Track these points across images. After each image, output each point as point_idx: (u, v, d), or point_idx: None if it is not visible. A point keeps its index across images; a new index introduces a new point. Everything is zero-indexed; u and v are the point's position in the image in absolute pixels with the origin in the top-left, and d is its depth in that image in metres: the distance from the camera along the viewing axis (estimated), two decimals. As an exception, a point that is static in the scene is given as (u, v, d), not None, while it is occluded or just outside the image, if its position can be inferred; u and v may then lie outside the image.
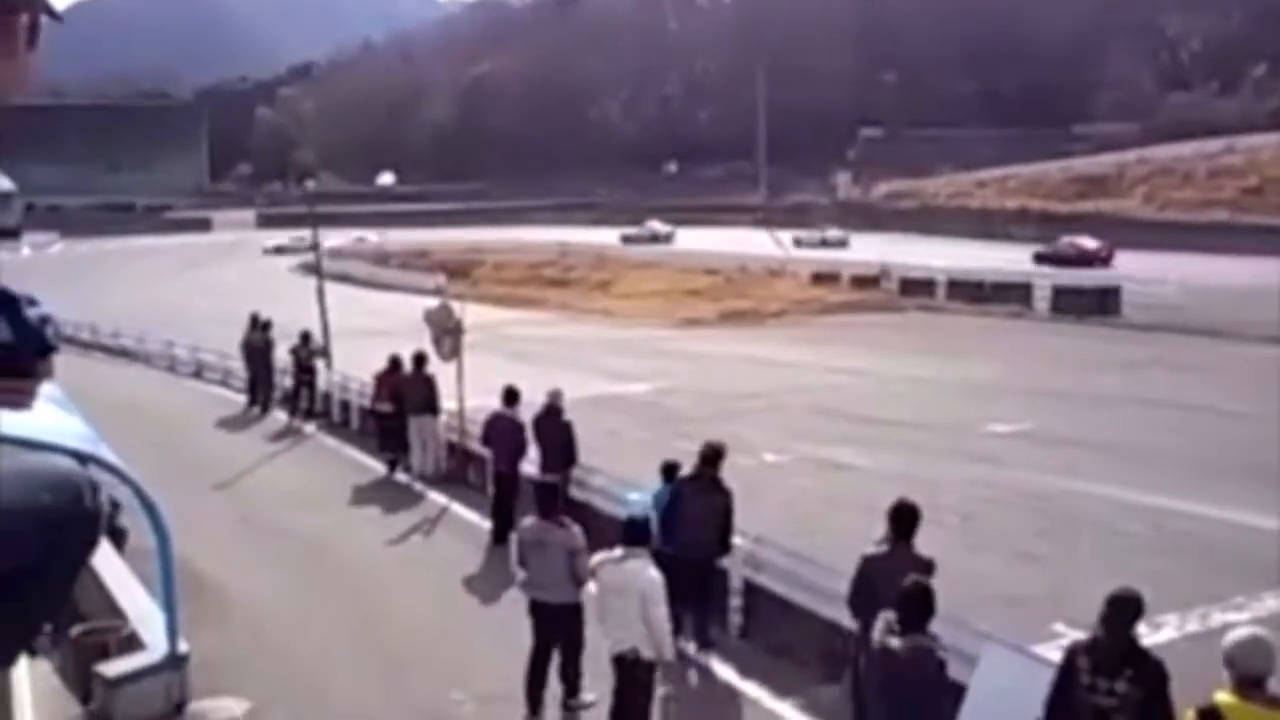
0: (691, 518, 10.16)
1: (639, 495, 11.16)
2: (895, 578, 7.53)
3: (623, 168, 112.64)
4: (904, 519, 7.82)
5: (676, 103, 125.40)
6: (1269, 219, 58.06)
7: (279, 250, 74.21)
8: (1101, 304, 35.60)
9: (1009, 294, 38.87)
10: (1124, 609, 6.28)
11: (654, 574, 8.01)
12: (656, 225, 78.83)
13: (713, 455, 10.66)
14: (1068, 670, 6.45)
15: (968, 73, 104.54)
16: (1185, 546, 12.96)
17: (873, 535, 13.68)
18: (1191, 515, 14.12)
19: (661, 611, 7.97)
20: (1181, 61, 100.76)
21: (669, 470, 11.26)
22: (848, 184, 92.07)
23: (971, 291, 40.57)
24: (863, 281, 45.42)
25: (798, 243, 67.43)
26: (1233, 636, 5.55)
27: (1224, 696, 5.09)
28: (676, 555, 9.56)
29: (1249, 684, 5.01)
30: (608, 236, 69.66)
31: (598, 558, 8.39)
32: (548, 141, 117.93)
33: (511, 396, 14.48)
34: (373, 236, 79.50)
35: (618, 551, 8.21)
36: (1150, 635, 9.98)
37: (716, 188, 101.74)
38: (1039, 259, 51.93)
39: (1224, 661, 5.30)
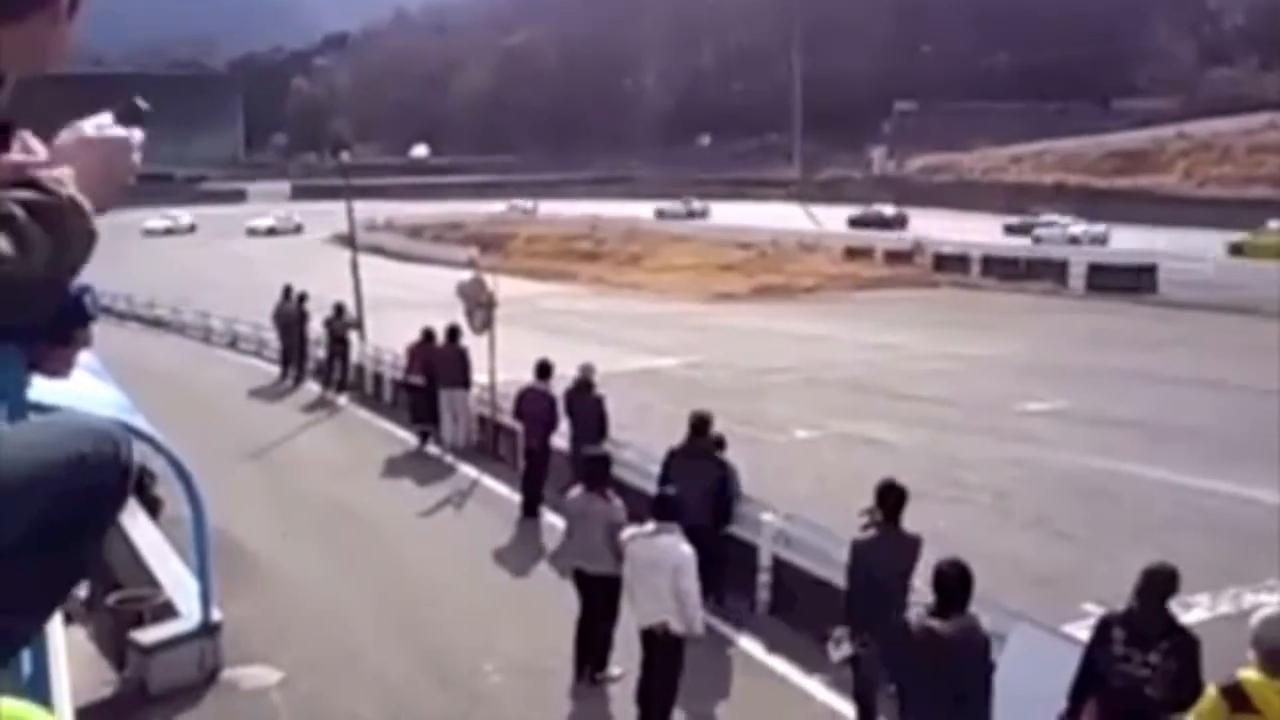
0: (680, 487, 9.88)
1: None
2: (888, 559, 7.54)
3: (656, 140, 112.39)
4: (890, 499, 7.75)
5: (710, 75, 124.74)
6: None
7: (271, 232, 73.70)
8: (1137, 281, 35.29)
9: (1044, 271, 38.59)
10: (1160, 581, 6.31)
11: (686, 549, 8.03)
12: (693, 201, 78.48)
13: (701, 425, 10.66)
14: (1101, 641, 6.46)
15: (1004, 46, 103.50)
16: (1218, 526, 12.86)
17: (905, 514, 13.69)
18: (1224, 495, 14.01)
19: (694, 585, 8.00)
20: (1223, 35, 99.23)
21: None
22: (882, 158, 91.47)
23: (1006, 268, 40.29)
24: (896, 257, 45.19)
25: (659, 214, 68.15)
26: (1259, 614, 5.55)
27: (1248, 674, 5.07)
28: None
29: (1274, 661, 4.98)
30: (642, 210, 69.54)
31: (629, 532, 8.40)
32: (581, 113, 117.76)
33: (544, 370, 14.48)
34: (527, 204, 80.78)
35: (649, 526, 8.21)
36: (1181, 615, 9.95)
37: (750, 161, 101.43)
38: (852, 223, 61.33)
39: (1251, 640, 5.28)
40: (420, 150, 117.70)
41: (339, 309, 23.01)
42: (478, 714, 8.95)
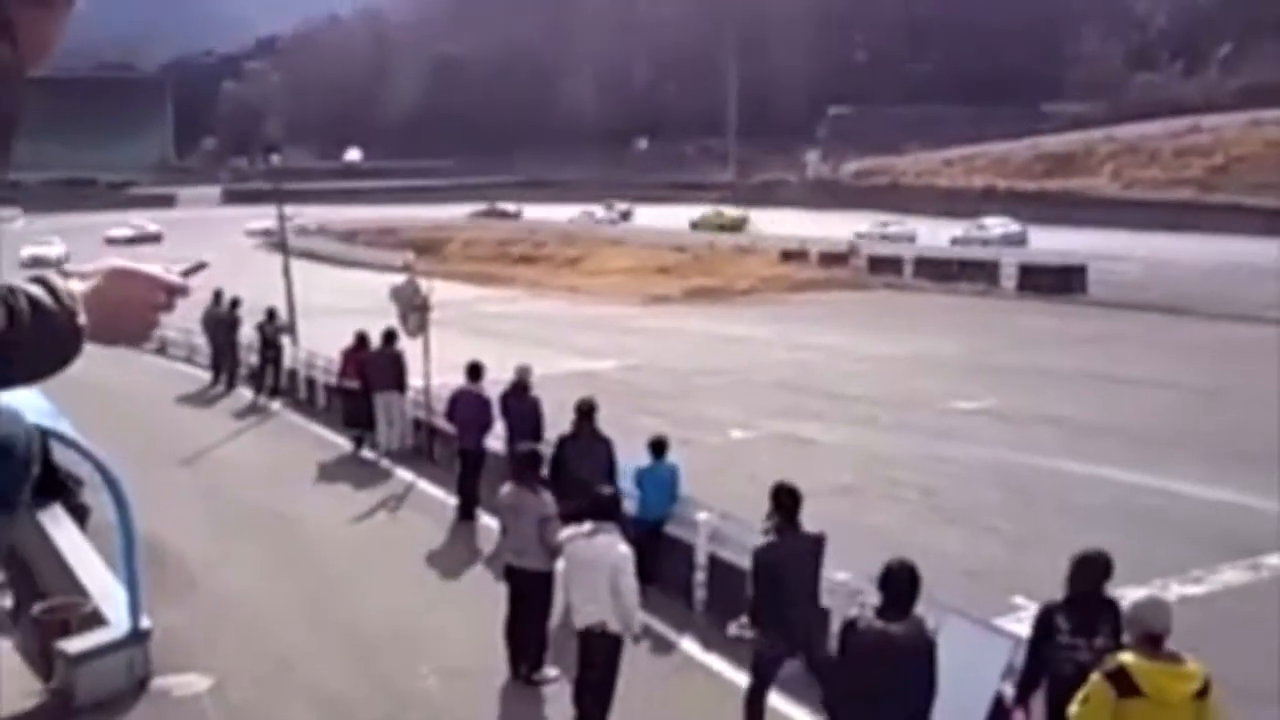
0: (578, 469, 10.85)
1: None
2: (792, 561, 7.59)
3: (592, 145, 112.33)
4: (786, 502, 7.80)
5: (646, 80, 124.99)
6: (1234, 198, 58.60)
7: (131, 242, 67.80)
8: (1067, 282, 35.84)
9: (976, 272, 39.09)
10: (1096, 567, 6.55)
11: (624, 548, 8.07)
12: (617, 205, 79.27)
13: (587, 409, 11.68)
14: (1045, 631, 6.61)
15: (937, 51, 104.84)
16: (1144, 520, 13.11)
17: (837, 511, 13.82)
18: (1150, 489, 14.30)
19: (632, 584, 8.01)
20: (1149, 40, 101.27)
21: (658, 446, 11.48)
22: (816, 162, 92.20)
23: (939, 270, 40.77)
24: (831, 259, 45.54)
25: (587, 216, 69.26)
26: (1133, 599, 5.74)
27: (1127, 656, 5.20)
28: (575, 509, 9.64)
29: (1148, 642, 5.13)
30: (573, 213, 69.53)
31: (567, 532, 8.40)
32: (517, 118, 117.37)
33: (475, 372, 14.47)
34: (510, 208, 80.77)
35: (587, 526, 8.22)
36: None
37: (686, 165, 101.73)
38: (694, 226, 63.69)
39: (1125, 622, 5.41)
40: (353, 154, 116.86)
41: (271, 313, 22.79)
42: (412, 717, 8.90)
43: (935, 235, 52.12)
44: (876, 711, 6.22)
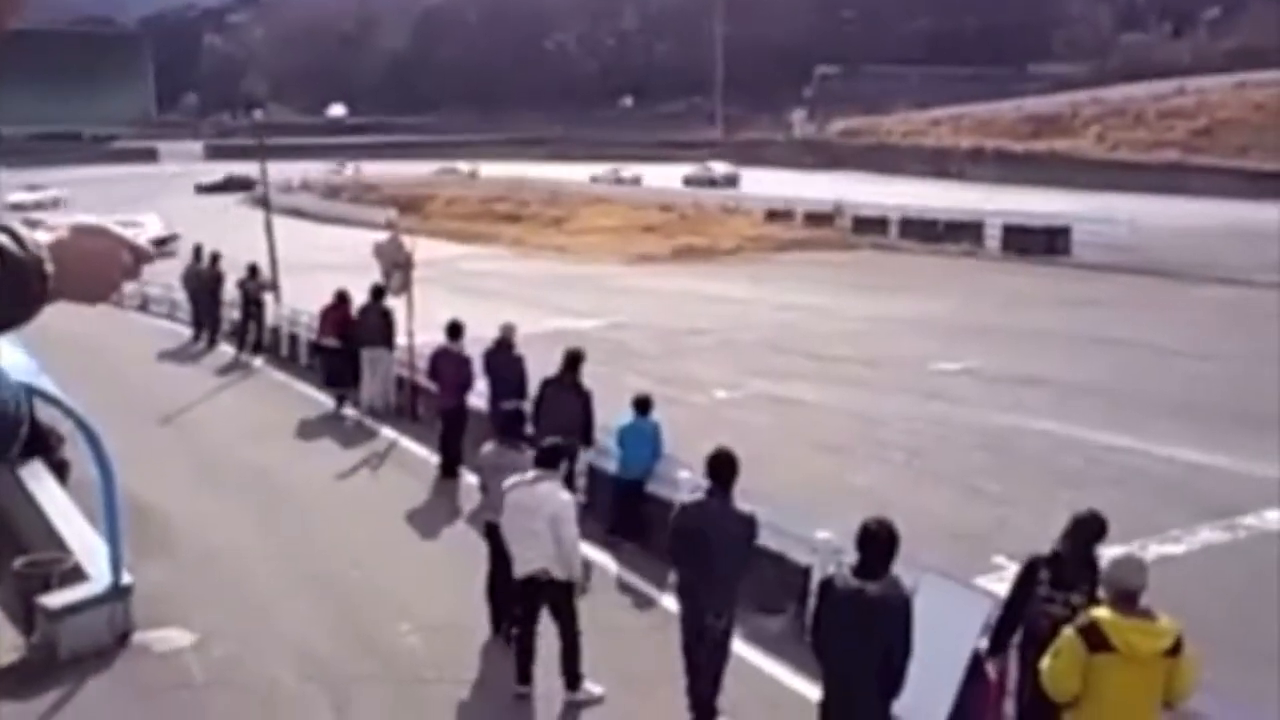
0: (552, 412, 11.49)
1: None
2: (712, 525, 7.57)
3: (579, 102, 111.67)
4: (723, 469, 7.74)
5: (634, 37, 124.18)
6: (1218, 161, 58.63)
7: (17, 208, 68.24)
8: (1051, 243, 35.85)
9: (961, 233, 39.02)
10: (1090, 527, 6.64)
11: (566, 496, 8.19)
12: (621, 169, 77.34)
13: (574, 360, 12.10)
14: (1026, 582, 6.69)
15: (925, 11, 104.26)
16: (1125, 480, 13.19)
17: (820, 471, 13.88)
18: (1131, 450, 14.37)
19: (572, 532, 8.08)
20: (1137, 2, 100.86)
21: (641, 404, 11.54)
22: (803, 121, 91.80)
23: (924, 230, 40.68)
24: (816, 219, 45.42)
25: (687, 181, 67.44)
26: (1109, 556, 5.81)
27: (1100, 612, 5.25)
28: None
29: (1123, 599, 5.19)
30: (563, 172, 69.12)
31: (510, 480, 8.41)
32: (503, 74, 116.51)
33: (455, 330, 14.46)
34: (349, 168, 78.57)
35: (530, 474, 8.28)
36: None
37: (673, 123, 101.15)
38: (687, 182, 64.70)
39: (1102, 580, 5.46)
40: (337, 110, 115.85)
41: (253, 270, 22.65)
42: (394, 673, 8.93)
43: (922, 196, 52.05)
44: (853, 669, 6.25)
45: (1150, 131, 66.70)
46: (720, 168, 72.07)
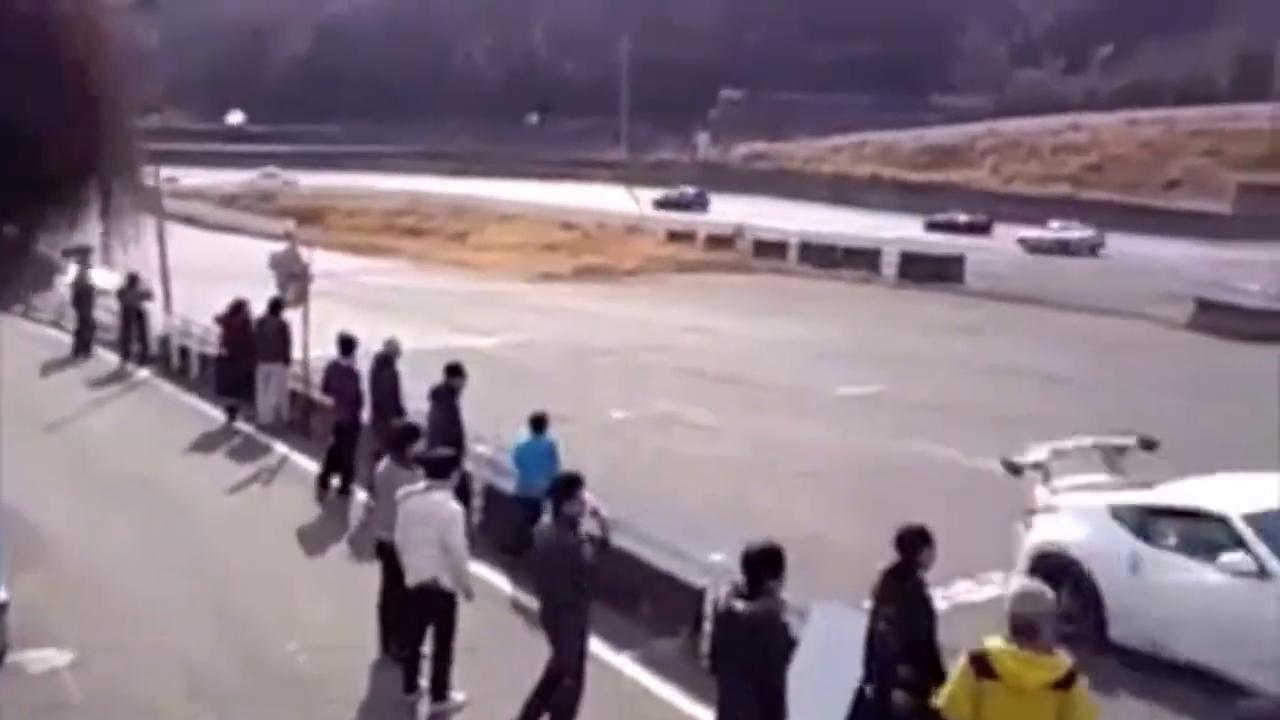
0: (434, 424, 12.01)
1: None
2: (544, 546, 7.66)
3: (485, 117, 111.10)
4: (560, 491, 7.71)
5: (541, 53, 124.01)
6: (1107, 195, 60.59)
7: None
8: (944, 271, 36.63)
9: (858, 259, 39.69)
10: (903, 539, 7.03)
11: (455, 506, 8.21)
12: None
13: (454, 370, 12.62)
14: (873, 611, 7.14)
15: (829, 39, 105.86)
16: (1015, 505, 13.43)
17: (717, 493, 13.94)
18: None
19: (461, 542, 8.13)
20: (1033, 38, 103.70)
21: (537, 422, 11.49)
22: (707, 144, 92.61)
23: (822, 255, 41.30)
24: (718, 241, 45.82)
25: (660, 205, 67.48)
26: (1011, 586, 5.94)
27: (994, 641, 5.35)
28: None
29: (1018, 629, 5.27)
30: (467, 188, 68.76)
31: (403, 490, 8.44)
32: (408, 86, 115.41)
33: (347, 345, 14.33)
34: (286, 175, 77.24)
35: (422, 484, 8.31)
36: (975, 591, 10.45)
37: (579, 141, 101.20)
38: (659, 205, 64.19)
39: (1006, 610, 5.57)
40: (236, 117, 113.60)
41: (132, 279, 22.20)
42: (280, 693, 8.75)
43: (821, 222, 52.79)
44: (730, 685, 6.36)
45: (1043, 165, 68.65)
46: (690, 190, 72.16)
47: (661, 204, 67.01)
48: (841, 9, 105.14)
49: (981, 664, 5.34)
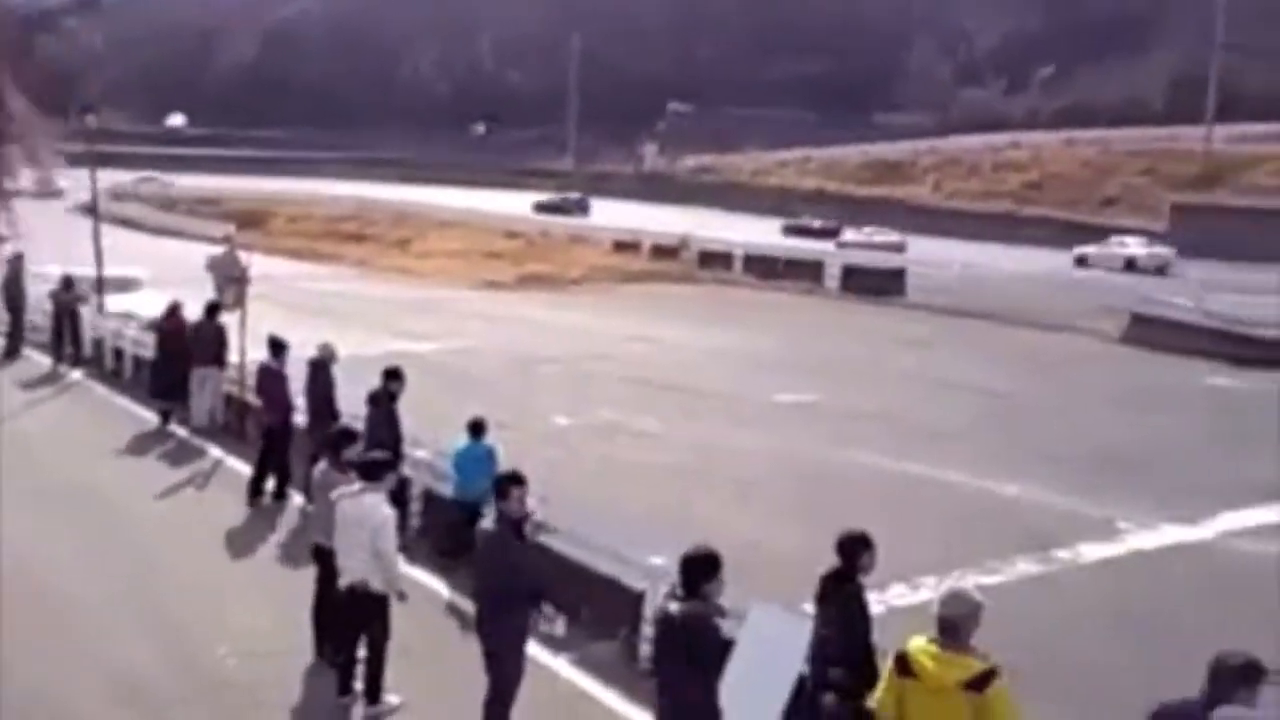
0: (372, 428, 11.81)
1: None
2: (485, 553, 7.66)
3: (432, 126, 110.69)
4: (503, 488, 7.68)
5: (488, 63, 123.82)
6: (1047, 212, 61.60)
7: None
8: (887, 285, 36.91)
9: (802, 271, 39.90)
10: (843, 545, 7.08)
11: (387, 510, 8.17)
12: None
13: (392, 374, 12.52)
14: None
15: (778, 55, 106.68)
16: (949, 512, 13.64)
17: (657, 498, 13.96)
18: (955, 484, 14.88)
19: (390, 547, 8.11)
20: (976, 58, 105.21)
21: (476, 427, 11.48)
22: (654, 155, 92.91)
23: (767, 267, 41.49)
24: (663, 251, 45.89)
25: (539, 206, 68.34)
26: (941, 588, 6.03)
27: (916, 640, 5.40)
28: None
29: (941, 629, 5.32)
30: (411, 195, 68.39)
31: (336, 491, 8.41)
32: (354, 94, 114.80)
33: (277, 347, 14.21)
34: (162, 177, 75.76)
35: (356, 485, 8.28)
36: (909, 595, 10.54)
37: (526, 151, 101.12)
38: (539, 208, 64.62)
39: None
40: (176, 120, 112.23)
41: (67, 281, 21.95)
42: (212, 698, 8.62)
43: (766, 234, 53.09)
44: (667, 686, 6.41)
45: (984, 182, 69.65)
46: (573, 195, 72.25)
47: (542, 207, 67.63)
48: (791, 27, 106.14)
49: (903, 663, 5.42)
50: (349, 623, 8.39)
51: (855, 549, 7.05)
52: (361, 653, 8.41)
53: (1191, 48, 70.75)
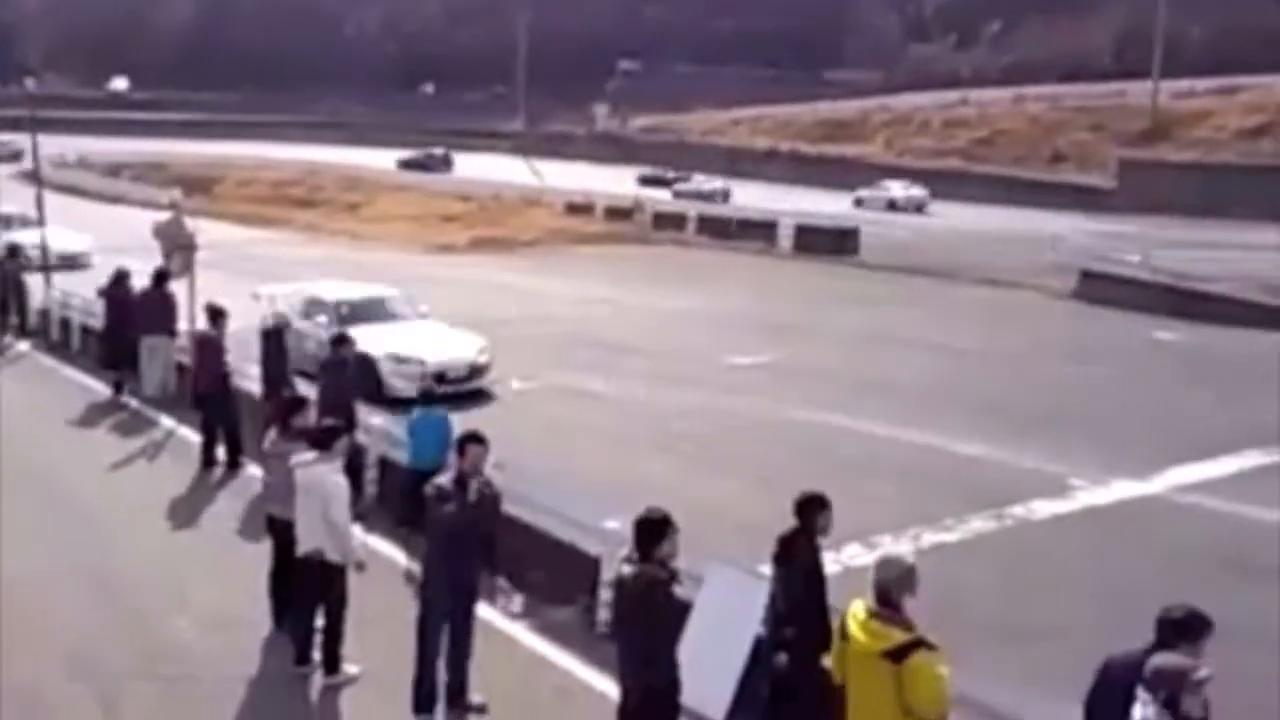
0: (325, 388, 12.17)
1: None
2: (450, 509, 7.60)
3: (379, 87, 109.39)
4: (466, 451, 7.76)
5: (436, 23, 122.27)
6: (997, 169, 61.93)
7: None
8: (840, 244, 37.03)
9: (755, 231, 39.95)
10: (799, 507, 7.12)
11: (340, 479, 8.17)
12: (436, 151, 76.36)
13: (340, 340, 12.78)
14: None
15: (728, 12, 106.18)
16: (904, 471, 13.74)
17: (614, 462, 13.98)
18: (909, 443, 14.98)
19: (342, 517, 8.11)
20: (924, 14, 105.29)
21: (426, 396, 11.53)
22: (605, 116, 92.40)
23: (720, 228, 41.53)
24: (616, 213, 45.79)
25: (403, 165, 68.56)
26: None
27: (856, 604, 5.45)
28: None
29: (875, 594, 5.36)
30: (361, 157, 67.73)
31: (293, 460, 8.38)
32: (300, 55, 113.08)
33: (215, 314, 14.10)
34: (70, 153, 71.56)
35: (310, 455, 8.27)
36: (865, 555, 10.62)
37: (475, 112, 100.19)
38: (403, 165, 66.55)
39: None
40: (119, 84, 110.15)
41: (12, 250, 21.62)
42: (169, 670, 8.56)
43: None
44: (625, 648, 6.51)
45: (934, 139, 69.92)
46: (437, 151, 73.06)
47: (406, 164, 67.64)
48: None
49: (842, 626, 5.51)
50: (306, 592, 8.37)
51: (812, 510, 7.10)
52: (319, 622, 8.39)
53: (1137, 3, 71.13)
